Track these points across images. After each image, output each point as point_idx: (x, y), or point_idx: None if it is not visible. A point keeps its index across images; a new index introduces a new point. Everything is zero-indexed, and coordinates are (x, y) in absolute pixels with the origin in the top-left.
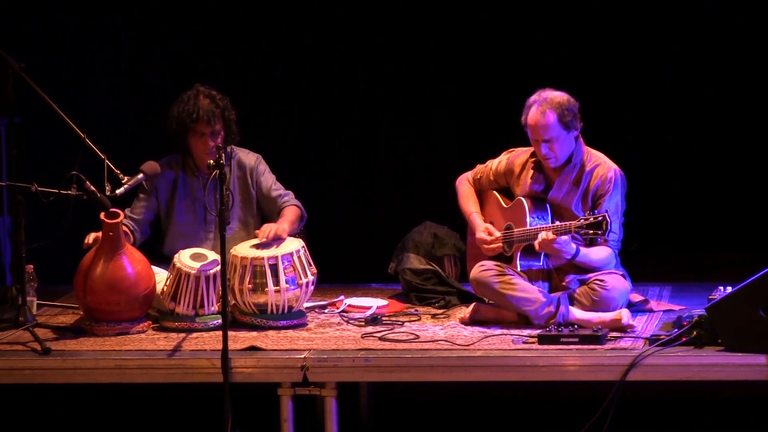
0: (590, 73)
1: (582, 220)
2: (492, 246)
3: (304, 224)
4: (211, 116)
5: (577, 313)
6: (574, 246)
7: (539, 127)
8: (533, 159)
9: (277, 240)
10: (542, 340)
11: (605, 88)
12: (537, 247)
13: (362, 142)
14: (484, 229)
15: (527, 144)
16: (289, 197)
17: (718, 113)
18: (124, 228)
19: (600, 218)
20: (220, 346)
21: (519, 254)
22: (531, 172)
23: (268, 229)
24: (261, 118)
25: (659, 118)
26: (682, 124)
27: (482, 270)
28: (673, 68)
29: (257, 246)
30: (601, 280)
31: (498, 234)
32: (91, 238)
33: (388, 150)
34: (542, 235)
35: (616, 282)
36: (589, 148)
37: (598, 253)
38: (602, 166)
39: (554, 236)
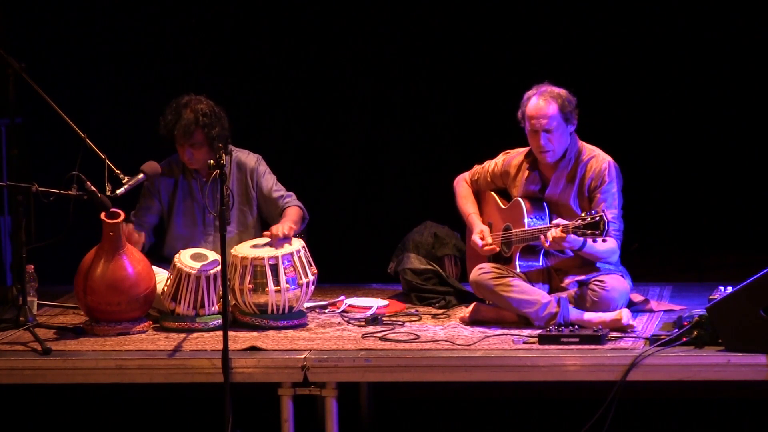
0: (590, 73)
1: (579, 220)
2: (486, 248)
3: (306, 223)
4: (187, 131)
5: (577, 313)
6: (580, 239)
7: (541, 116)
8: (528, 159)
9: (283, 239)
10: (543, 340)
11: (605, 88)
12: (546, 246)
13: (363, 142)
14: (478, 232)
15: (526, 144)
16: (291, 198)
17: (718, 113)
18: (137, 237)
19: (597, 218)
20: (220, 347)
21: (518, 255)
22: (526, 172)
23: (280, 228)
24: (262, 118)
25: (659, 118)
26: (683, 123)
27: (481, 273)
28: (673, 67)
29: (257, 246)
30: (600, 281)
31: (489, 240)
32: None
33: (389, 150)
34: (553, 233)
35: (616, 282)
36: (583, 143)
37: (603, 244)
38: (596, 158)
39: (564, 234)
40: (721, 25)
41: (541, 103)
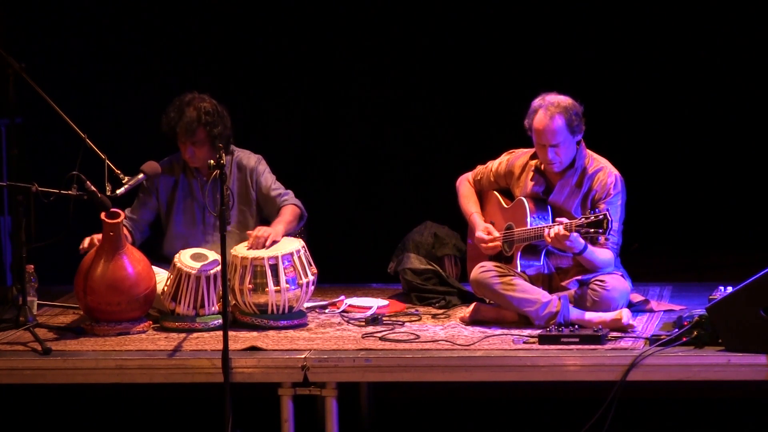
0: (591, 73)
1: (583, 219)
2: (490, 245)
3: (304, 223)
4: (189, 129)
5: (577, 313)
6: (582, 242)
7: (547, 132)
8: (533, 161)
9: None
10: (543, 340)
11: (606, 89)
12: (549, 240)
13: (363, 141)
14: (483, 229)
15: (528, 144)
16: (289, 196)
17: (718, 113)
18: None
19: (601, 216)
20: (220, 346)
21: (519, 254)
22: (531, 174)
23: (262, 234)
24: (264, 118)
25: (659, 118)
26: (683, 124)
27: (482, 271)
28: (673, 69)
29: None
30: (601, 281)
31: (496, 234)
32: (86, 242)
33: (389, 150)
34: (556, 229)
35: (617, 282)
36: (591, 152)
37: (602, 253)
38: (604, 170)
39: (567, 232)
40: (721, 27)
41: (547, 118)
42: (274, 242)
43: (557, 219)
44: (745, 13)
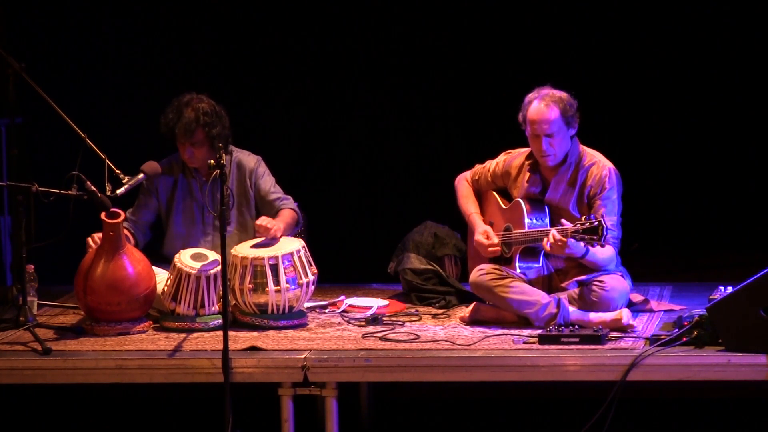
0: (590, 73)
1: (578, 225)
2: (490, 249)
3: (301, 227)
4: (188, 130)
5: (577, 313)
6: (582, 245)
7: (542, 120)
8: (529, 161)
9: (271, 239)
10: (543, 340)
11: (606, 88)
12: (548, 248)
13: (363, 141)
14: (482, 232)
15: (527, 143)
16: (288, 201)
17: (718, 113)
18: (125, 231)
19: (596, 223)
20: (220, 346)
21: (518, 256)
22: (527, 174)
23: (267, 222)
24: (263, 119)
25: (660, 118)
26: (683, 124)
27: (481, 274)
28: (673, 68)
29: (257, 246)
30: (600, 281)
31: (496, 239)
32: (90, 241)
33: (389, 150)
34: (553, 237)
35: (616, 282)
36: (585, 147)
37: (604, 251)
38: (597, 164)
39: (565, 239)
40: (721, 26)
41: (543, 107)
42: (275, 237)
43: (551, 228)
44: (746, 12)
